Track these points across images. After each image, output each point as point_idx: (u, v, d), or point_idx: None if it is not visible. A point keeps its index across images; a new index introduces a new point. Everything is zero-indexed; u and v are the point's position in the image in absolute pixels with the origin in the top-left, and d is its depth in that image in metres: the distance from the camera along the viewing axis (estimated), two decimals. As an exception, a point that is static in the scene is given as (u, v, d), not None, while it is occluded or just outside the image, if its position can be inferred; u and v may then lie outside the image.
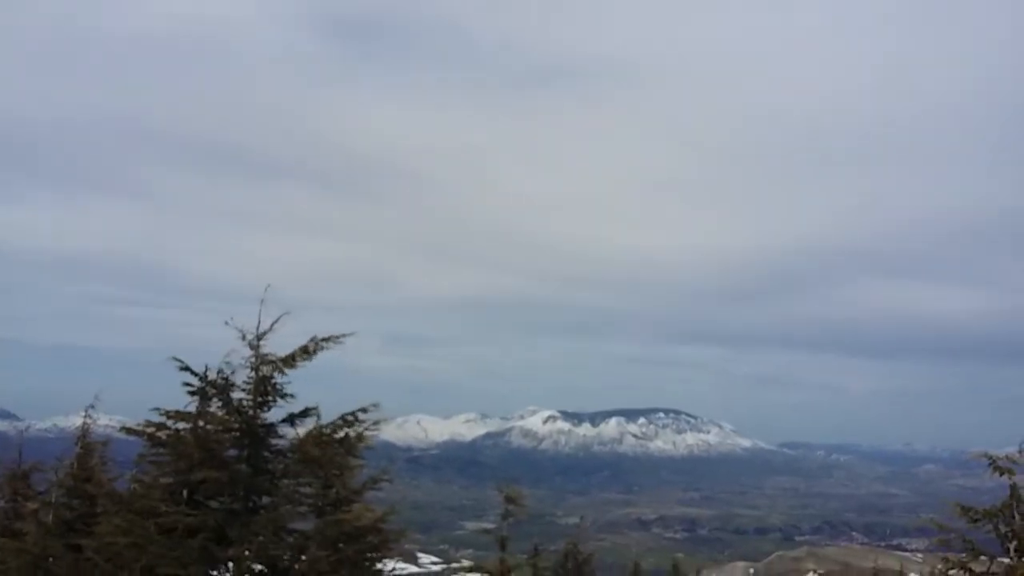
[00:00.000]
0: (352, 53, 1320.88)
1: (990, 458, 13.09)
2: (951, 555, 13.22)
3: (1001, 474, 12.98)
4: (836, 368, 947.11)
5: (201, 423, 11.41)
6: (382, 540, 12.13)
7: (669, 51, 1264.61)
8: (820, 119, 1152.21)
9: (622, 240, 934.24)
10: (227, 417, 11.48)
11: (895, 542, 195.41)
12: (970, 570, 13.00)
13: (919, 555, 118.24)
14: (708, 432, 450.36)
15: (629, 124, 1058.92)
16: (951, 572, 13.29)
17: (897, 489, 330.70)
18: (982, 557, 12.98)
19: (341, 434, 11.81)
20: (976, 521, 13.09)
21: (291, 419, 11.73)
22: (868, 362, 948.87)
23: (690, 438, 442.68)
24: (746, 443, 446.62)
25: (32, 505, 16.59)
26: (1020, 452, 13.00)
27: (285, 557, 11.18)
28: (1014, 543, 12.77)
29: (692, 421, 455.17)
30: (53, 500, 15.82)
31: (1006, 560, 12.81)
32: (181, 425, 11.46)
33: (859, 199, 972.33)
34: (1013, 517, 12.86)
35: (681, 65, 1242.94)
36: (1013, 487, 12.95)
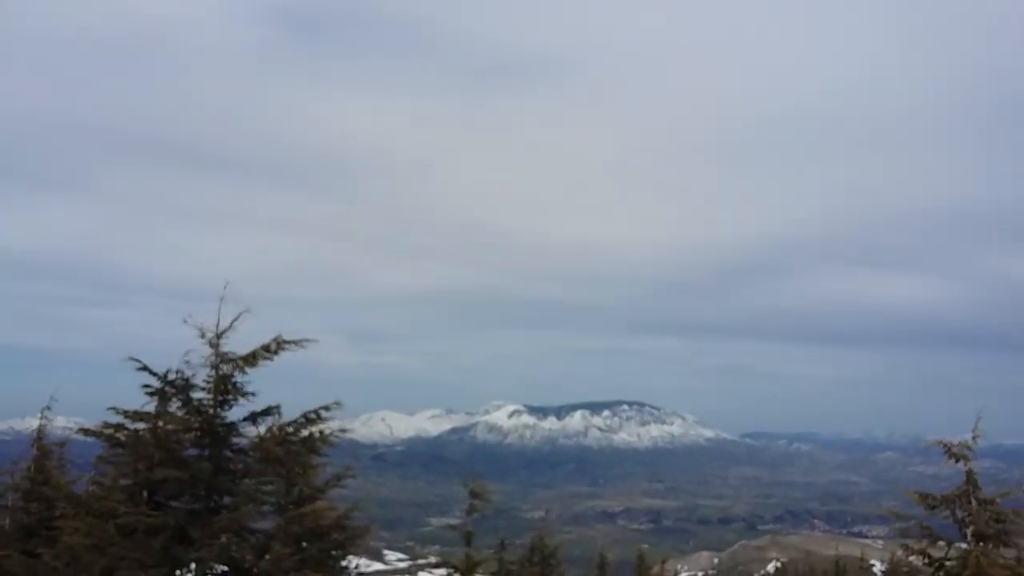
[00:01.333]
0: (305, 48, 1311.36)
1: (945, 445, 13.29)
2: (911, 542, 13.41)
3: (956, 460, 13.18)
4: (796, 357, 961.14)
5: (160, 423, 11.25)
6: (346, 537, 12.03)
7: (630, 42, 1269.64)
8: (779, 111, 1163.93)
9: (583, 232, 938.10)
10: (187, 416, 11.34)
11: (856, 529, 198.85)
12: (929, 556, 13.21)
13: (880, 542, 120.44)
14: (671, 423, 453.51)
15: (590, 117, 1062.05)
16: (911, 558, 13.50)
17: (857, 477, 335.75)
18: (940, 543, 13.18)
19: (304, 433, 11.71)
20: (934, 508, 13.29)
21: (253, 418, 11.61)
22: (827, 350, 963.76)
23: (654, 430, 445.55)
24: (709, 434, 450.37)
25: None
26: (974, 438, 13.22)
27: (248, 557, 11.05)
28: (971, 528, 12.99)
29: (655, 413, 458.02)
30: (10, 504, 15.52)
31: (963, 545, 13.02)
32: (140, 425, 11.29)
33: (817, 190, 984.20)
34: (969, 503, 13.07)
35: (642, 56, 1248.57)
36: (969, 473, 13.15)
